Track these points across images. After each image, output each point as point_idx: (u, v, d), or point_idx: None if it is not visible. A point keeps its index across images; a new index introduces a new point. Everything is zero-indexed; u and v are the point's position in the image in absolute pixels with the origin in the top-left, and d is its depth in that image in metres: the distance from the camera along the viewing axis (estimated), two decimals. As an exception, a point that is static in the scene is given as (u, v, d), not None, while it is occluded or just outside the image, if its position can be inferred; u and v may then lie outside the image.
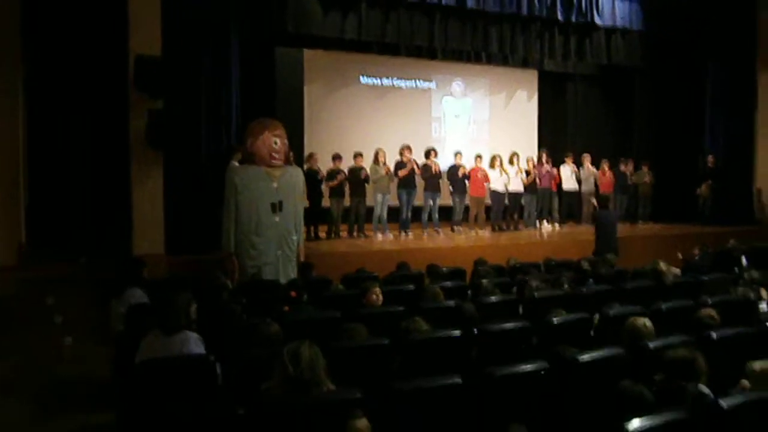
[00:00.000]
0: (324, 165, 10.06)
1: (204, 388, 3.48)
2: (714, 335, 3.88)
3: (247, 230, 6.54)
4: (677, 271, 7.30)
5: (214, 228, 7.97)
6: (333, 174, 9.96)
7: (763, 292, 5.56)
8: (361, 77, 12.14)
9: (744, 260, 8.18)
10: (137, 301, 4.92)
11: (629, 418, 2.49)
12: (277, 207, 6.63)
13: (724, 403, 2.70)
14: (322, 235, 9.97)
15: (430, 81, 12.75)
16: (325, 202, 10.02)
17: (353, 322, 4.10)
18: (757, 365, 3.06)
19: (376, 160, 10.12)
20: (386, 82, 12.37)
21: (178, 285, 4.93)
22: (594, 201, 9.27)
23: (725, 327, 4.11)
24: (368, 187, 10.16)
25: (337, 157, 10.11)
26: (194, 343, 3.82)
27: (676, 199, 12.86)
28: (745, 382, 3.08)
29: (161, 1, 7.65)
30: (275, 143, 6.71)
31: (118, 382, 4.04)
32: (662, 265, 6.40)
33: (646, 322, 3.84)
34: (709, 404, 2.74)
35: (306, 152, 10.38)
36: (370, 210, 10.21)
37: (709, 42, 12.52)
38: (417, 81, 12.63)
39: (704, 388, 3.02)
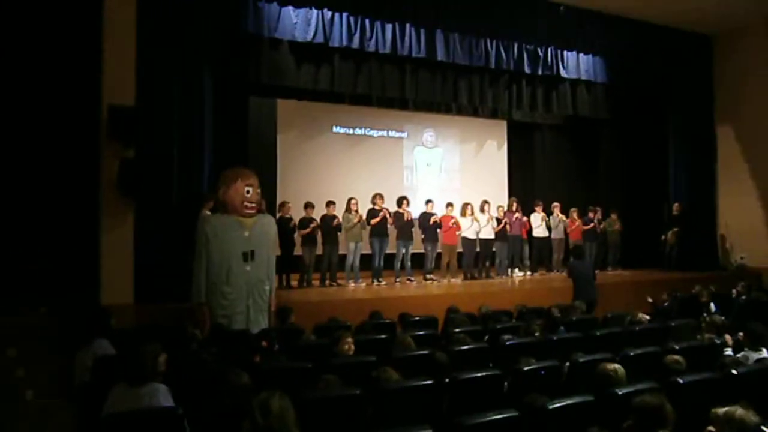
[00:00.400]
0: (296, 213, 10.09)
1: (172, 442, 3.41)
2: (680, 381, 3.94)
3: (217, 280, 6.48)
4: (646, 317, 7.40)
5: (185, 277, 7.87)
6: (305, 222, 9.99)
7: (728, 338, 5.68)
8: (333, 127, 12.33)
9: (713, 306, 8.33)
10: (104, 352, 4.82)
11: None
12: (248, 256, 6.60)
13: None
14: (294, 283, 9.93)
15: (402, 131, 13.01)
16: (298, 251, 10.01)
17: (325, 373, 4.07)
18: (721, 411, 3.10)
19: (348, 209, 10.20)
20: (359, 131, 12.60)
21: (147, 335, 4.84)
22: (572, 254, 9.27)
23: (691, 373, 4.18)
24: (341, 236, 10.20)
25: (309, 206, 10.16)
26: (162, 396, 3.75)
27: (643, 246, 13.13)
28: (711, 429, 3.11)
29: (135, 51, 7.72)
30: (248, 192, 6.72)
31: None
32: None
33: (617, 367, 3.87)
34: (676, 450, 2.77)
35: (279, 200, 10.42)
36: (343, 258, 10.23)
37: (670, 95, 13.04)
38: (389, 131, 12.89)
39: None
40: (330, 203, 10.26)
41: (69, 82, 7.65)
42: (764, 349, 5.02)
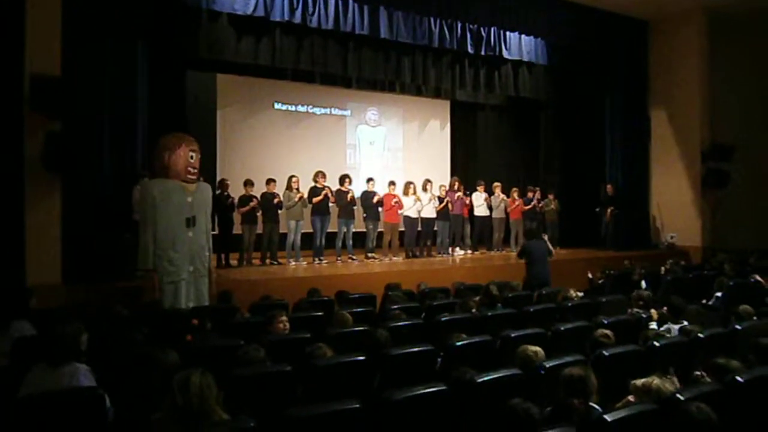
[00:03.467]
0: (236, 191, 9.90)
1: (92, 423, 3.30)
2: (606, 353, 4.06)
3: (164, 245, 6.43)
4: (579, 293, 7.60)
5: (115, 255, 7.69)
6: (245, 200, 9.81)
7: (654, 313, 5.89)
8: (275, 103, 12.12)
9: (644, 283, 8.64)
10: (23, 334, 4.62)
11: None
12: (191, 222, 6.60)
13: (609, 417, 2.81)
14: (234, 262, 9.76)
15: (345, 109, 12.90)
16: (237, 229, 9.84)
17: (258, 350, 4.02)
18: (640, 382, 3.21)
19: (289, 187, 10.06)
20: (301, 108, 12.41)
21: (70, 315, 4.68)
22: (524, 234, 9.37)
23: (617, 345, 4.32)
24: (281, 214, 10.07)
25: (249, 183, 9.98)
26: (83, 375, 3.63)
27: (581, 225, 13.48)
28: (630, 398, 3.22)
29: (61, 17, 7.33)
30: (191, 158, 6.71)
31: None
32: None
33: (537, 350, 3.94)
34: (596, 419, 2.85)
35: (218, 178, 10.20)
36: (283, 237, 10.11)
37: (608, 78, 13.33)
38: (332, 108, 12.75)
39: (594, 405, 3.14)
40: (270, 181, 10.10)
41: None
42: (685, 321, 5.22)
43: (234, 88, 11.54)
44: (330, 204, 10.34)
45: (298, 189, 10.07)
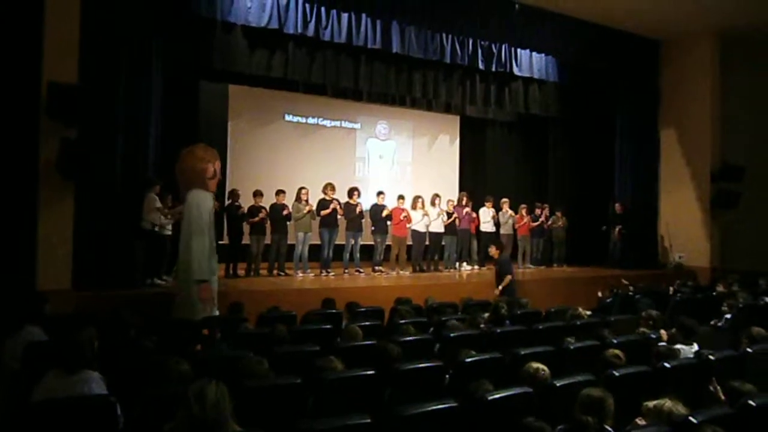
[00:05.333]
0: (246, 202, 9.95)
1: (103, 430, 3.31)
2: (616, 373, 4.05)
3: (209, 256, 6.75)
4: (587, 312, 7.58)
5: (127, 263, 7.74)
6: (254, 211, 9.85)
7: (663, 333, 5.87)
8: (286, 115, 12.18)
9: (645, 301, 8.61)
10: (35, 339, 4.64)
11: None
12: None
13: (621, 438, 2.81)
14: (241, 272, 9.78)
15: (355, 122, 12.95)
16: (246, 239, 9.87)
17: (268, 361, 4.02)
18: (652, 404, 3.21)
19: (298, 198, 10.10)
20: (311, 120, 12.47)
21: (82, 321, 4.70)
22: (494, 248, 9.37)
23: (627, 366, 4.30)
24: (290, 225, 10.10)
25: (258, 194, 10.03)
26: (96, 383, 3.64)
27: (588, 243, 13.46)
28: (639, 420, 3.22)
29: (80, 28, 7.43)
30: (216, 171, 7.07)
31: (11, 425, 3.78)
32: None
33: (541, 367, 3.93)
34: (608, 440, 2.84)
35: (228, 188, 10.24)
36: (291, 248, 10.13)
37: (618, 96, 13.36)
38: (342, 121, 12.80)
39: (608, 427, 3.13)
40: (280, 192, 10.15)
41: (6, 56, 7.29)
42: (695, 344, 5.20)
43: (246, 99, 11.61)
44: (338, 216, 10.37)
45: (307, 201, 10.11)
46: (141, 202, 8.11)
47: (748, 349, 4.99)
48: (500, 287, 8.90)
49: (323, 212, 10.15)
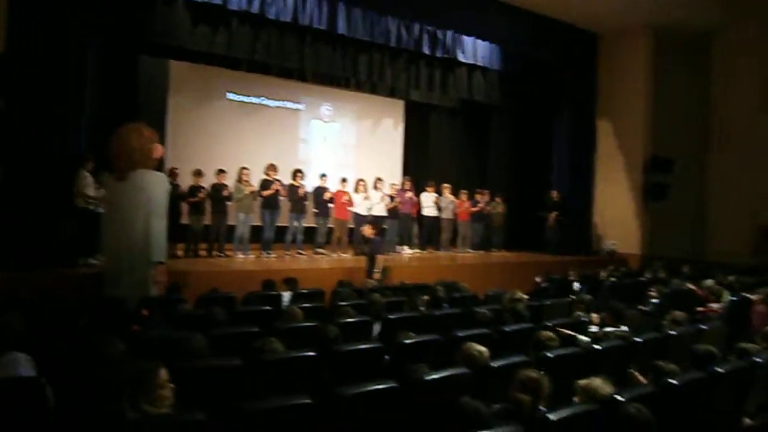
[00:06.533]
0: (184, 181, 9.72)
1: (33, 413, 3.20)
2: (550, 355, 4.19)
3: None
4: (525, 296, 7.79)
5: (57, 241, 7.46)
6: (194, 190, 9.65)
7: (594, 316, 6.10)
8: (228, 93, 11.93)
9: (577, 285, 8.96)
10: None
11: (468, 433, 2.62)
12: None
13: (553, 416, 2.92)
14: (180, 253, 9.58)
15: (299, 102, 12.80)
16: (184, 219, 9.66)
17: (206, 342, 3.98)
18: (583, 383, 3.34)
19: (240, 179, 9.95)
20: (254, 100, 12.25)
21: (8, 303, 4.52)
22: (369, 228, 9.45)
23: (560, 347, 4.46)
24: (230, 206, 9.95)
25: (198, 173, 9.83)
26: (23, 365, 3.52)
27: (526, 229, 13.80)
28: (576, 399, 3.34)
29: (9, -6, 7.07)
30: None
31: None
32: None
33: (481, 350, 4.02)
34: (540, 418, 2.95)
35: (167, 166, 9.98)
36: (232, 229, 9.99)
37: (558, 87, 13.67)
38: (286, 101, 12.62)
39: (541, 407, 3.23)
40: (221, 171, 9.98)
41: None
42: (623, 326, 5.44)
43: (187, 76, 11.30)
44: (280, 198, 10.27)
45: (248, 181, 9.96)
46: (73, 179, 7.80)
47: (671, 332, 5.25)
48: (375, 272, 8.80)
49: (265, 193, 10.03)
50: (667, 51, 13.57)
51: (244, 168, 10.04)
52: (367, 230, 9.41)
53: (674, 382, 3.53)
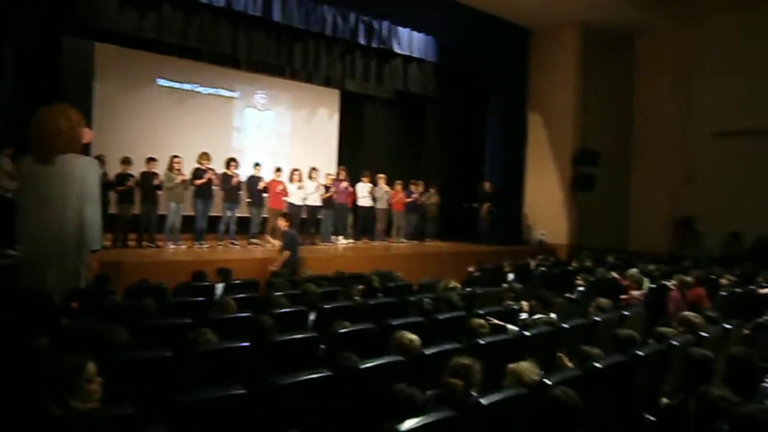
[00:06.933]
0: (111, 168, 9.39)
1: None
2: (481, 342, 4.30)
3: None
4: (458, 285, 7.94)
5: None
6: (122, 179, 9.34)
7: (524, 304, 6.30)
8: (158, 79, 11.57)
9: (511, 276, 9.21)
10: None
11: (402, 419, 2.67)
12: None
13: (485, 400, 3.01)
14: (108, 243, 9.23)
15: (233, 90, 12.56)
16: (113, 209, 9.34)
17: (136, 335, 3.88)
18: (512, 366, 3.46)
19: (171, 167, 9.69)
20: (186, 86, 11.93)
21: None
22: (283, 220, 9.43)
23: (492, 334, 4.59)
24: (161, 195, 9.69)
25: (126, 161, 9.51)
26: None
27: (459, 220, 14.06)
28: (507, 384, 3.46)
29: None
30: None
31: None
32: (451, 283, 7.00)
33: (413, 338, 4.09)
34: (472, 403, 3.04)
35: (93, 153, 9.58)
36: (162, 219, 9.73)
37: (491, 80, 13.95)
38: (219, 89, 12.36)
39: (472, 392, 3.33)
40: (151, 160, 9.69)
41: None
42: (552, 314, 5.64)
43: (114, 59, 10.88)
44: (213, 187, 10.07)
45: (180, 170, 9.72)
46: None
47: (596, 318, 5.49)
48: (275, 264, 8.66)
49: (197, 182, 9.82)
50: (596, 48, 14.08)
51: (175, 156, 9.78)
52: (282, 222, 9.32)
53: (598, 365, 3.70)
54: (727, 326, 5.22)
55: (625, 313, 5.96)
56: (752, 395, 3.31)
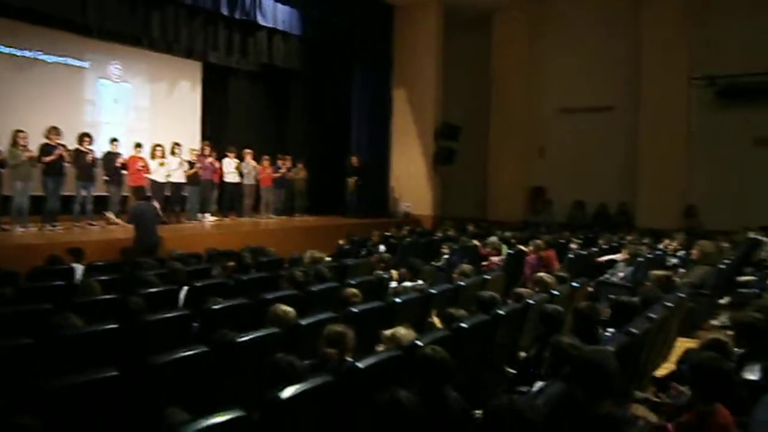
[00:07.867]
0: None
1: None
2: (355, 310, 4.46)
3: None
4: (327, 258, 8.08)
5: None
6: (-43, 156, 8.47)
7: (394, 273, 6.57)
8: (-5, 45, 10.50)
9: (381, 247, 9.51)
10: None
11: (283, 388, 2.74)
12: None
13: (361, 364, 3.16)
14: (-57, 227, 8.41)
15: (83, 59, 11.65)
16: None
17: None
18: (388, 332, 3.65)
19: (14, 143, 8.88)
20: (27, 53, 10.87)
21: None
22: (132, 195, 9.14)
23: (365, 303, 4.76)
24: (4, 174, 8.89)
25: (-39, 137, 8.63)
26: None
27: (328, 194, 14.18)
28: (380, 347, 3.64)
29: None
30: None
31: None
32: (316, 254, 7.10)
33: (287, 310, 4.16)
34: (350, 367, 3.17)
35: None
36: (7, 199, 8.95)
37: (356, 56, 14.09)
38: (67, 57, 11.39)
39: (348, 357, 3.47)
40: (-10, 135, 8.85)
41: None
42: (420, 281, 5.94)
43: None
44: (65, 164, 9.38)
45: (26, 146, 8.95)
46: None
47: (460, 283, 5.86)
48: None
49: (46, 159, 9.09)
50: (457, 25, 14.64)
51: (19, 131, 8.96)
52: (131, 198, 8.89)
53: (464, 325, 3.98)
54: (575, 284, 5.78)
55: (487, 277, 6.40)
56: (595, 342, 3.73)
